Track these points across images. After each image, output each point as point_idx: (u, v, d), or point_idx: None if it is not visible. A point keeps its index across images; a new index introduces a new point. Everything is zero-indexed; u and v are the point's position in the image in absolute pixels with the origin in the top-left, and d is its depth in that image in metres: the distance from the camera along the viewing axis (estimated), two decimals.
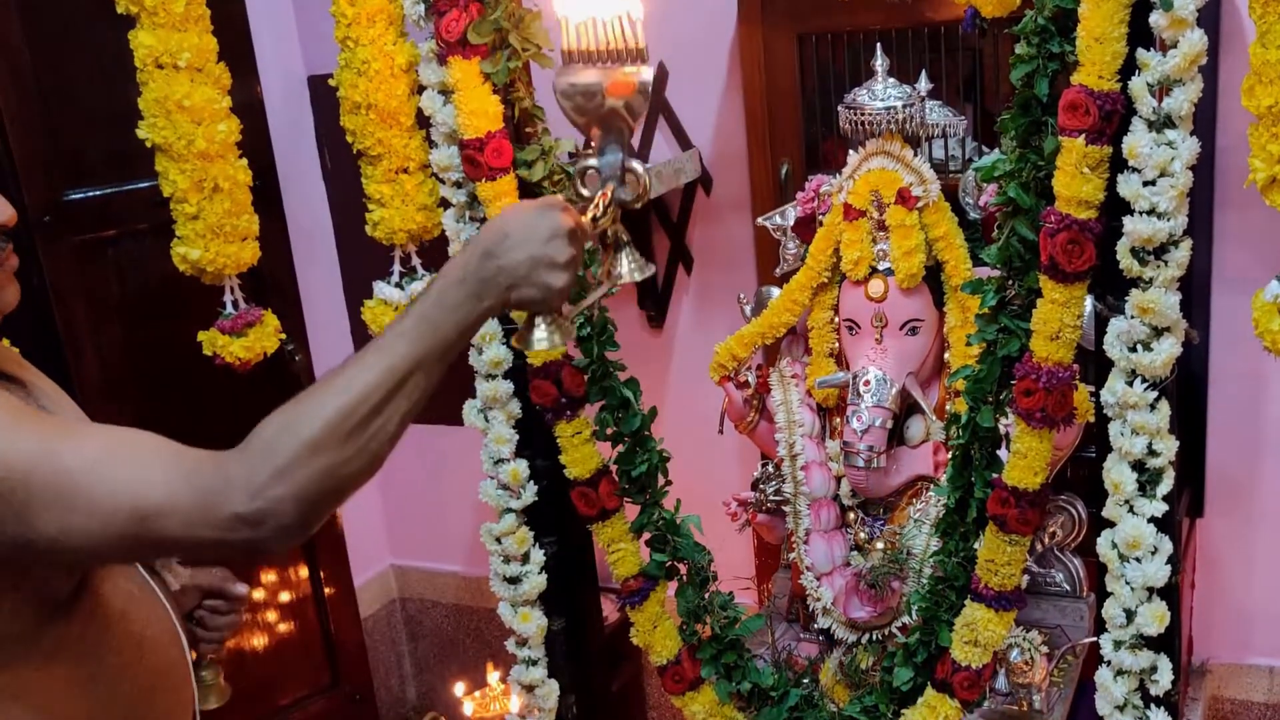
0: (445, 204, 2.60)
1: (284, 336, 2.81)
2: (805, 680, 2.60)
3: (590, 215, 1.67)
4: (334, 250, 3.95)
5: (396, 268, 2.71)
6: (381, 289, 2.70)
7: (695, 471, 2.79)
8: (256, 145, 2.86)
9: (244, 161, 2.59)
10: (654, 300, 3.38)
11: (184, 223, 2.51)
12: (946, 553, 2.25)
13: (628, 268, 1.77)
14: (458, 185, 2.55)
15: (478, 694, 3.70)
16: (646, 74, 1.71)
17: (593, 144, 1.75)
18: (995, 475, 2.14)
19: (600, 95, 1.73)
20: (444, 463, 4.00)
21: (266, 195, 2.82)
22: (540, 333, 1.67)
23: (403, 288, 2.69)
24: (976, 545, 2.20)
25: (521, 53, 2.40)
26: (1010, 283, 2.07)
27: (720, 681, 2.58)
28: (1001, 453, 2.18)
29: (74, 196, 3.02)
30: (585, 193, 1.72)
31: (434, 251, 2.69)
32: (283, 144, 3.46)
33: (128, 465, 1.55)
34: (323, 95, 3.08)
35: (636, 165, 1.70)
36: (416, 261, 2.71)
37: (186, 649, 1.94)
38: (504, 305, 1.61)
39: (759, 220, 2.79)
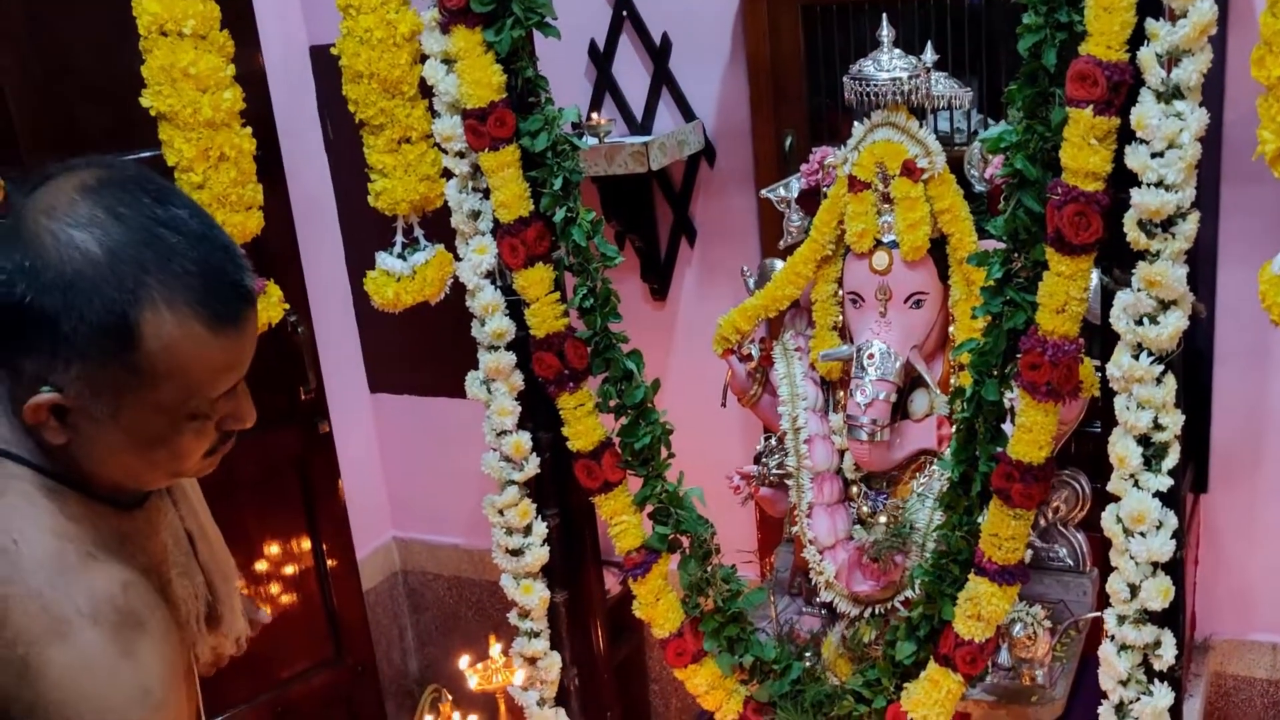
0: (448, 174, 2.59)
1: (287, 307, 2.80)
2: (807, 654, 2.60)
3: None
4: (336, 221, 3.94)
5: (399, 238, 2.69)
6: (384, 259, 2.69)
7: (698, 445, 2.78)
8: (259, 115, 2.84)
9: (248, 130, 2.57)
10: (657, 272, 3.37)
11: (189, 192, 2.50)
12: (950, 527, 2.25)
13: None
14: (460, 155, 2.54)
15: (480, 666, 3.68)
16: None
17: None
18: (1000, 449, 2.13)
19: None
20: (446, 436, 4.01)
21: (269, 166, 2.80)
22: None
23: (405, 258, 2.68)
24: (980, 519, 2.20)
25: (524, 21, 2.39)
26: (1016, 255, 2.06)
27: (723, 654, 2.58)
28: (1006, 427, 2.17)
29: None
30: None
31: (436, 222, 2.68)
32: (285, 115, 3.44)
33: None
34: (325, 66, 3.07)
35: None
36: (419, 232, 2.70)
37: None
38: None
39: (763, 192, 2.78)
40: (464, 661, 3.68)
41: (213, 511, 1.91)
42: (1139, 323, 1.94)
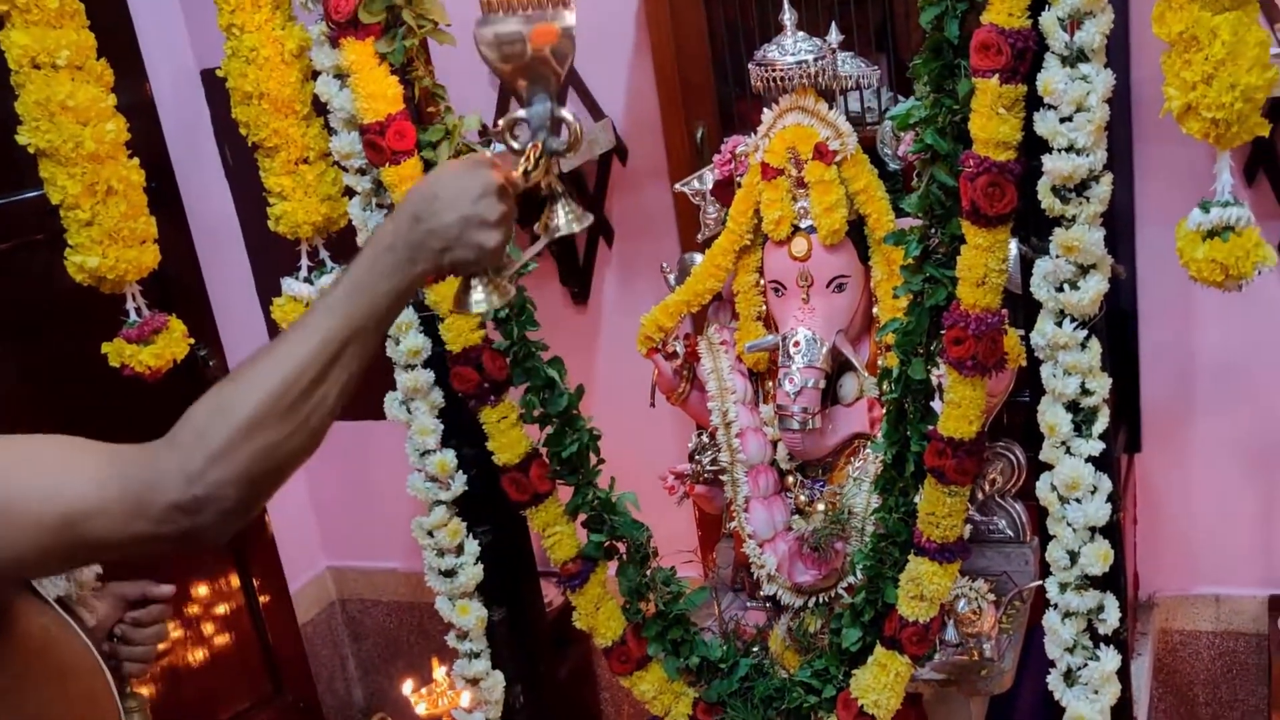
0: (350, 192, 2.53)
1: (193, 341, 2.73)
2: (754, 649, 2.58)
3: (521, 169, 1.65)
4: (243, 249, 3.86)
5: (304, 262, 2.64)
6: (290, 285, 2.64)
7: (629, 448, 2.75)
8: (149, 145, 2.79)
9: (135, 161, 2.50)
10: (576, 276, 3.33)
11: (77, 230, 2.42)
12: (887, 509, 2.24)
13: (564, 219, 1.75)
14: (361, 172, 2.48)
15: (425, 691, 3.64)
16: (570, 18, 1.70)
17: (521, 95, 1.71)
18: (930, 427, 2.12)
19: (524, 43, 1.70)
20: (371, 459, 3.94)
21: (164, 196, 2.75)
22: (478, 294, 1.66)
23: (312, 282, 2.62)
24: (916, 499, 2.19)
25: (417, 29, 2.34)
26: (933, 231, 2.05)
27: (668, 658, 2.56)
28: (935, 404, 2.16)
29: None
30: (515, 146, 1.69)
31: (342, 244, 2.63)
32: (178, 142, 3.38)
33: (51, 470, 1.53)
34: (217, 89, 2.98)
35: (566, 113, 1.67)
36: (325, 255, 2.64)
37: (110, 681, 1.89)
38: (437, 269, 1.61)
39: (677, 186, 2.75)
40: (408, 687, 3.63)
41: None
42: (1059, 289, 1.93)
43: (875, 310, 2.52)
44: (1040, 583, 2.19)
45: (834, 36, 2.50)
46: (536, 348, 2.48)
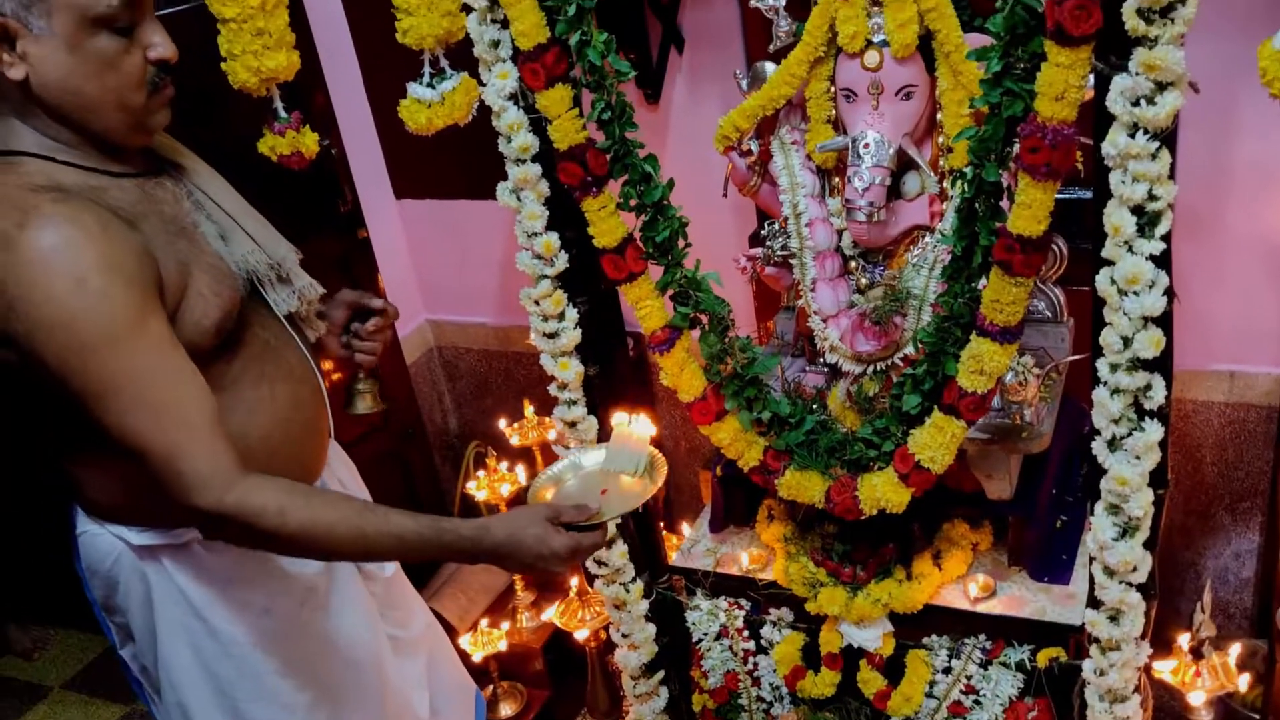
0: (467, 9, 2.28)
1: (326, 141, 2.58)
2: (815, 406, 2.45)
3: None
4: (353, 55, 3.57)
5: (426, 69, 2.39)
6: (414, 89, 2.39)
7: (691, 232, 2.55)
8: None
9: None
10: (650, 78, 3.07)
11: (250, 39, 2.25)
12: (952, 294, 2.06)
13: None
14: None
15: (517, 425, 3.56)
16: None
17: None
18: (1000, 224, 1.93)
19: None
20: (462, 230, 3.75)
21: (295, 11, 2.48)
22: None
23: (433, 87, 2.38)
24: (979, 285, 2.02)
25: None
26: (1014, 49, 1.81)
27: (742, 412, 2.43)
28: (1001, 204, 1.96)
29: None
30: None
31: (460, 52, 2.38)
32: None
33: (167, 413, 1.66)
34: None
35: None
36: (445, 62, 2.39)
37: (322, 386, 2.04)
38: None
39: (752, 2, 2.46)
40: (502, 424, 3.55)
41: None
42: (1135, 104, 1.71)
43: (939, 116, 2.28)
44: (1077, 356, 2.05)
45: None
46: (634, 145, 2.27)
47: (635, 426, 2.14)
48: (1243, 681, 2.61)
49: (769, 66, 2.44)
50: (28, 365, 1.63)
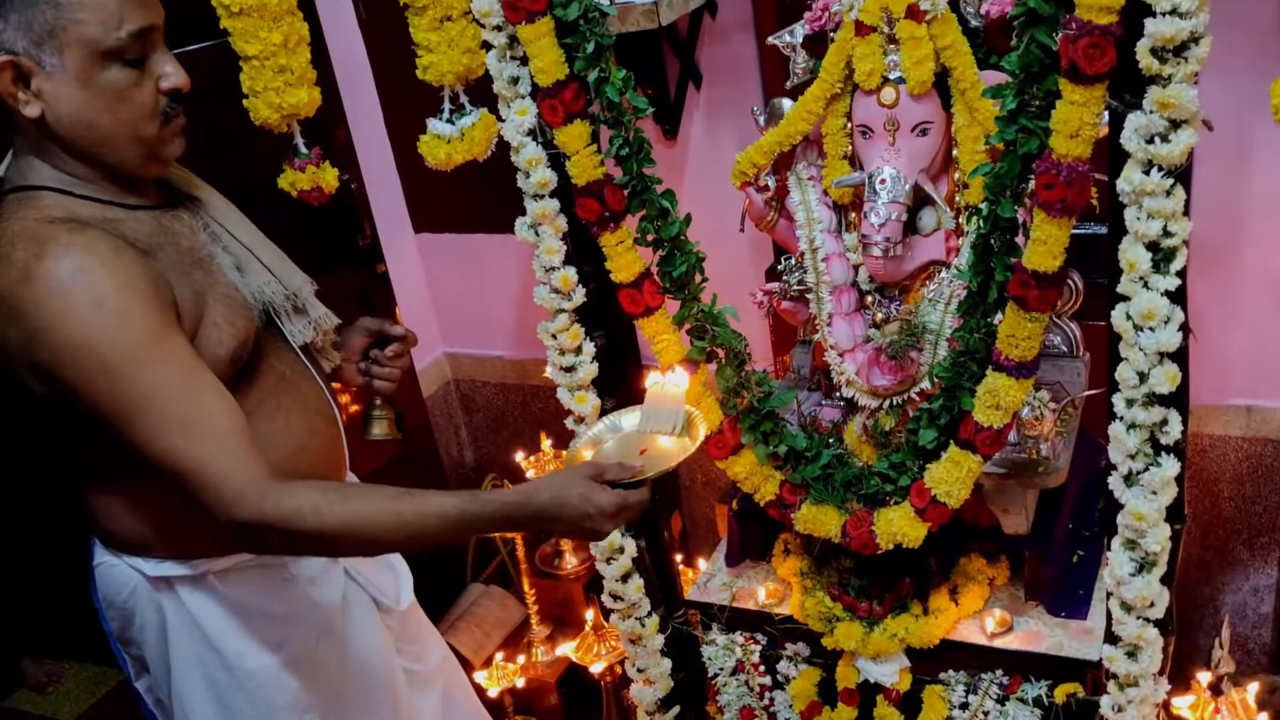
0: (487, 46, 2.31)
1: (345, 176, 2.59)
2: (831, 440, 2.46)
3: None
4: (374, 90, 3.61)
5: (446, 105, 2.43)
6: (434, 125, 2.43)
7: (707, 267, 2.57)
8: (303, 3, 2.56)
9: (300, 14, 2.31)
10: (668, 114, 3.09)
11: (272, 76, 2.28)
12: (968, 329, 2.07)
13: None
14: (498, 29, 2.24)
15: (533, 458, 3.56)
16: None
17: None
18: (1015, 260, 1.94)
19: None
20: (484, 265, 3.78)
21: (316, 47, 2.51)
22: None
23: (453, 123, 2.42)
24: (995, 320, 2.02)
25: None
26: (1029, 86, 1.83)
27: (759, 446, 2.43)
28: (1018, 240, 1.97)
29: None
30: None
31: (479, 88, 2.41)
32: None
33: (196, 428, 1.65)
34: None
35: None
36: (464, 98, 2.43)
37: (338, 416, 2.04)
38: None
39: (769, 39, 2.49)
40: (519, 457, 3.56)
41: None
42: (1149, 141, 1.73)
43: (955, 152, 2.30)
44: (1093, 391, 2.05)
45: None
46: (651, 181, 2.29)
47: (669, 385, 2.03)
48: (1262, 719, 2.58)
49: (786, 103, 2.47)
50: (56, 394, 1.65)
